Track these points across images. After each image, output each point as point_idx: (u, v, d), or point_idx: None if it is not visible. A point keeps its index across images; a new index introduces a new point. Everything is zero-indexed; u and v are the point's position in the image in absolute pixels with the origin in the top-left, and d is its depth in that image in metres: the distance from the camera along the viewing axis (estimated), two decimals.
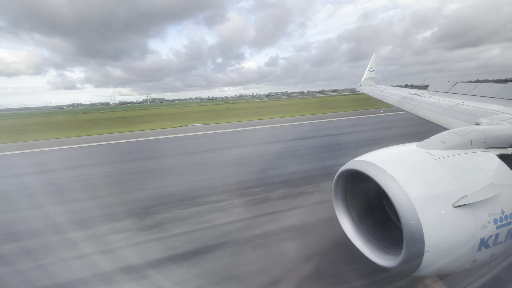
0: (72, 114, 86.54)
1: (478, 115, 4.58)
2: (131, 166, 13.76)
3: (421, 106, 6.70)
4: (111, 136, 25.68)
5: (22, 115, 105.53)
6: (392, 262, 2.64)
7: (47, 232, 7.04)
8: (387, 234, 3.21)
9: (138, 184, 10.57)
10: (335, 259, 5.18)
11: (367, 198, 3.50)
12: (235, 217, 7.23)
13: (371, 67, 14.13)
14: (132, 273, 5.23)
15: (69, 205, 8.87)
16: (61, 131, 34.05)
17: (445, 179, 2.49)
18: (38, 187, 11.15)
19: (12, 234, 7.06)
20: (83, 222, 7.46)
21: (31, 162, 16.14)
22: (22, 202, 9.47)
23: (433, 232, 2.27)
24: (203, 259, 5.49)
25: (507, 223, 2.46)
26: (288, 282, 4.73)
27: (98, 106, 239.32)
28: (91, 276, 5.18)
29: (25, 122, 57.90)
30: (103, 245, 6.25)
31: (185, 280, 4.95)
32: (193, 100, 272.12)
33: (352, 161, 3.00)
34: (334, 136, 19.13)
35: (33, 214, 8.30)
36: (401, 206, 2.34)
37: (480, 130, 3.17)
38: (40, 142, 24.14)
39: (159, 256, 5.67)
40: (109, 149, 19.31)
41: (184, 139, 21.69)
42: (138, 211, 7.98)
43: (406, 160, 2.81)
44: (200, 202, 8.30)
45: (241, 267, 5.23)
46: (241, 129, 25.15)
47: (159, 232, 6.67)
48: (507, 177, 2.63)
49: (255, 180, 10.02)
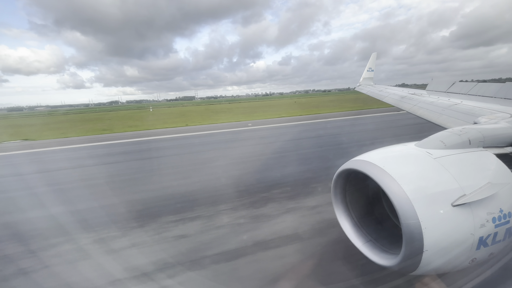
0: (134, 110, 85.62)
1: (476, 114, 4.60)
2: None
3: (420, 105, 6.72)
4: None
5: (75, 112, 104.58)
6: (391, 261, 2.65)
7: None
8: (386, 233, 3.21)
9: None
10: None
11: (366, 197, 3.51)
12: None
13: (370, 67, 14.16)
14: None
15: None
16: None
17: (444, 178, 2.50)
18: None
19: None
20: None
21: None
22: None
23: (432, 231, 2.28)
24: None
25: (505, 221, 2.47)
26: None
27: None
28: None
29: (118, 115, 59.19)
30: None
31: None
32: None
33: (351, 161, 3.00)
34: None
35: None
36: (400, 205, 2.34)
37: (478, 129, 3.18)
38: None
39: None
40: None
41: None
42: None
43: (405, 160, 2.82)
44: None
45: None
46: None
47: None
48: (505, 176, 2.64)
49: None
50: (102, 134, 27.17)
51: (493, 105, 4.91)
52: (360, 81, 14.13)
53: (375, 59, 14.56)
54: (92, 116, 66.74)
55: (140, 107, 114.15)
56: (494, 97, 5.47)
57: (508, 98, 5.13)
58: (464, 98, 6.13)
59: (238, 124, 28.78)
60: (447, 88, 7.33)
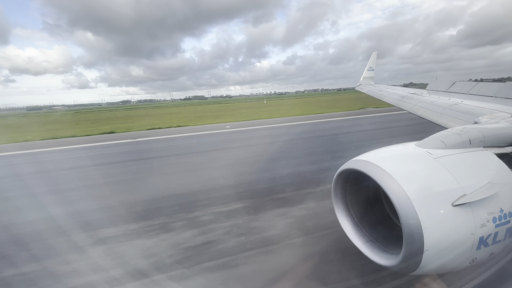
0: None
1: (477, 114, 4.59)
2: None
3: (420, 105, 6.71)
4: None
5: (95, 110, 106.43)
6: (392, 261, 2.65)
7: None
8: (386, 233, 3.22)
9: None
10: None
11: (366, 197, 3.51)
12: None
13: (370, 67, 14.16)
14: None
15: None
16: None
17: (444, 178, 2.50)
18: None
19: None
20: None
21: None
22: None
23: (432, 231, 2.28)
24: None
25: (506, 221, 2.47)
26: None
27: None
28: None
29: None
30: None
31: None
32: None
33: (351, 161, 3.00)
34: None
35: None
36: (401, 205, 2.34)
37: (478, 129, 3.18)
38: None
39: None
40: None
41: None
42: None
43: (406, 159, 2.82)
44: None
45: None
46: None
47: None
48: (505, 176, 2.64)
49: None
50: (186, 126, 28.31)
51: (493, 105, 4.91)
52: (360, 81, 14.14)
53: (375, 58, 14.56)
54: (123, 113, 68.34)
55: (158, 106, 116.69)
56: (494, 96, 5.47)
57: (508, 97, 5.13)
58: (464, 97, 6.12)
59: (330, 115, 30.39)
60: (448, 88, 7.33)
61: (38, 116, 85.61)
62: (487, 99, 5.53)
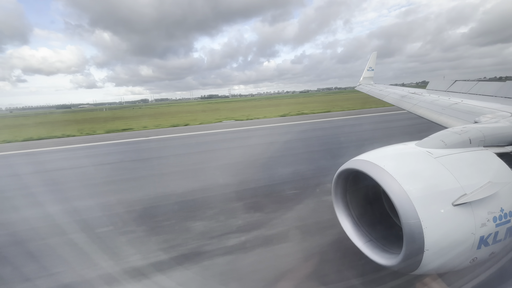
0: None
1: (477, 113, 4.58)
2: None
3: (420, 104, 6.70)
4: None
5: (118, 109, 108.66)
6: (392, 260, 2.65)
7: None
8: (387, 233, 3.21)
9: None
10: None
11: (366, 197, 3.51)
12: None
13: (370, 66, 14.15)
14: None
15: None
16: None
17: (444, 178, 2.49)
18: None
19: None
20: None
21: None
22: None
23: (432, 231, 2.27)
24: None
25: (506, 221, 2.47)
26: None
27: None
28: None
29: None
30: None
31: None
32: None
33: (351, 160, 3.00)
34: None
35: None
36: (401, 205, 2.34)
37: (479, 128, 3.17)
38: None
39: None
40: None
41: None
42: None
43: (406, 159, 2.81)
44: None
45: None
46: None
47: None
48: (506, 175, 2.64)
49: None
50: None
51: (493, 104, 4.90)
52: (360, 81, 14.13)
53: (375, 58, 14.55)
54: (169, 109, 70.45)
55: (187, 104, 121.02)
56: (494, 96, 5.46)
57: (508, 97, 5.12)
58: (464, 97, 6.11)
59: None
60: (448, 87, 7.32)
61: (93, 112, 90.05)
62: (487, 99, 5.52)
